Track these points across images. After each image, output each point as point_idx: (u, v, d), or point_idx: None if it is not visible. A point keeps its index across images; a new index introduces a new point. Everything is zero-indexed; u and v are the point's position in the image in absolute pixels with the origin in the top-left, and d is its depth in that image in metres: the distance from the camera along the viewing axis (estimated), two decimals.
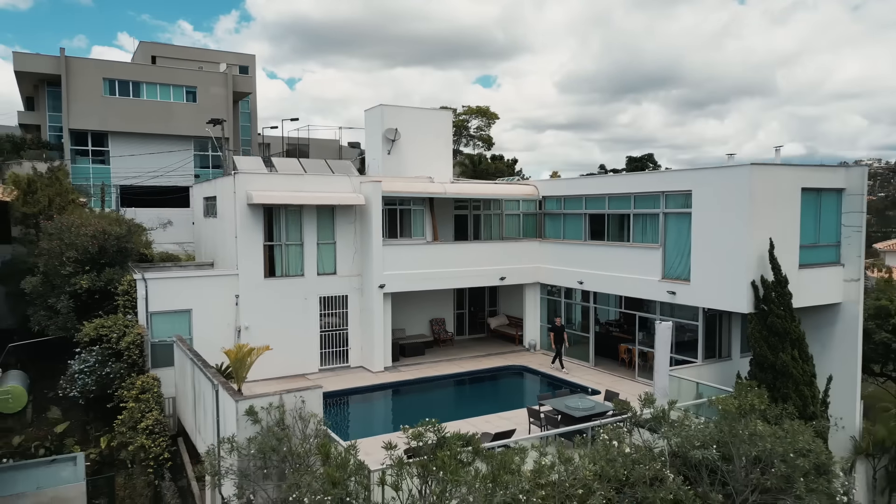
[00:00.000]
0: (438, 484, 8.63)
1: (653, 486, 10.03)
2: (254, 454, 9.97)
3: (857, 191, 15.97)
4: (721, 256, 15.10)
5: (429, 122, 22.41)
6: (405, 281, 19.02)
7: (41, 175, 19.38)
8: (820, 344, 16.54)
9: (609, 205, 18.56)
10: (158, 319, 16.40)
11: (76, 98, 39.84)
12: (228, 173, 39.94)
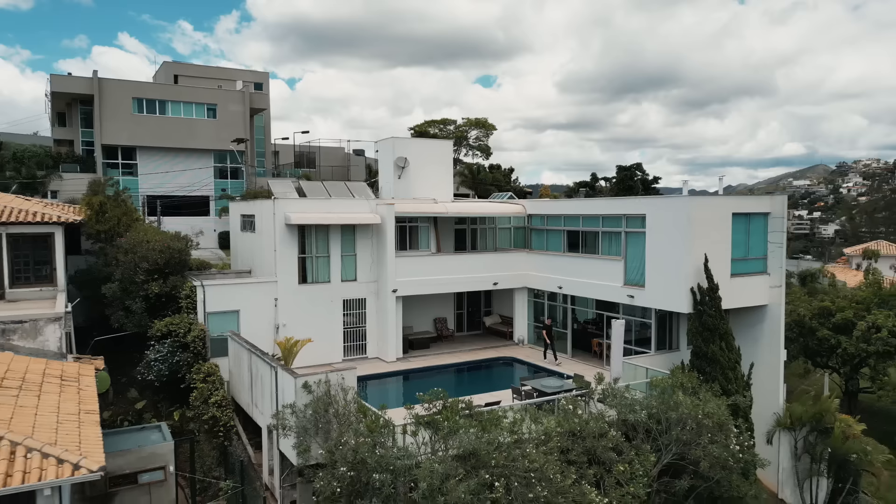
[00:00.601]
0: (443, 432, 12.52)
1: (600, 438, 13.92)
2: (310, 415, 13.84)
3: (779, 214, 19.85)
4: (668, 268, 18.97)
5: (432, 150, 26.36)
6: (414, 286, 22.92)
7: (109, 197, 23.23)
8: (752, 338, 20.44)
9: (583, 223, 22.46)
10: (213, 318, 20.25)
11: (108, 116, 43.59)
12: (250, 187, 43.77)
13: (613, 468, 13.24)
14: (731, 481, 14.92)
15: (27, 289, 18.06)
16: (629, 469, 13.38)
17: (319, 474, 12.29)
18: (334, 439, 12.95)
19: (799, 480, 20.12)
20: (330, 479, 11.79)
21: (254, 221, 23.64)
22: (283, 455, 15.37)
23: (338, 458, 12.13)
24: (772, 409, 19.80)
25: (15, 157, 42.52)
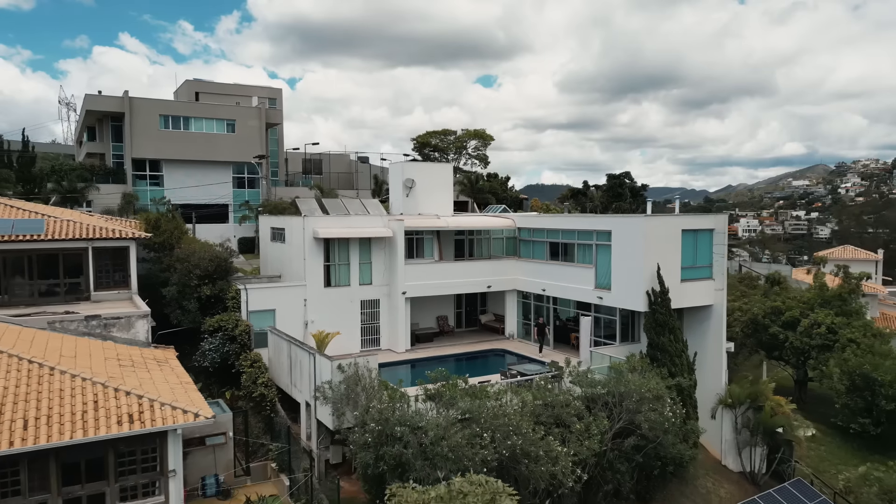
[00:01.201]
0: (444, 399, 16.87)
1: (565, 407, 18.27)
2: (343, 390, 18.18)
3: (721, 230, 24.20)
4: (629, 274, 23.29)
5: (435, 173, 30.76)
6: (420, 289, 27.27)
7: (163, 214, 27.55)
8: (700, 332, 24.79)
9: (562, 236, 26.81)
10: (254, 315, 24.58)
11: (137, 132, 47.99)
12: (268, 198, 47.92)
13: (573, 428, 17.57)
14: (668, 441, 19.28)
15: (107, 291, 22.42)
16: (586, 430, 17.70)
17: (354, 429, 16.65)
18: (363, 406, 17.31)
19: (739, 450, 24.48)
20: (363, 433, 16.13)
21: (284, 234, 27.99)
22: (319, 422, 19.72)
23: (367, 419, 16.47)
24: (715, 391, 24.12)
25: (54, 170, 46.86)
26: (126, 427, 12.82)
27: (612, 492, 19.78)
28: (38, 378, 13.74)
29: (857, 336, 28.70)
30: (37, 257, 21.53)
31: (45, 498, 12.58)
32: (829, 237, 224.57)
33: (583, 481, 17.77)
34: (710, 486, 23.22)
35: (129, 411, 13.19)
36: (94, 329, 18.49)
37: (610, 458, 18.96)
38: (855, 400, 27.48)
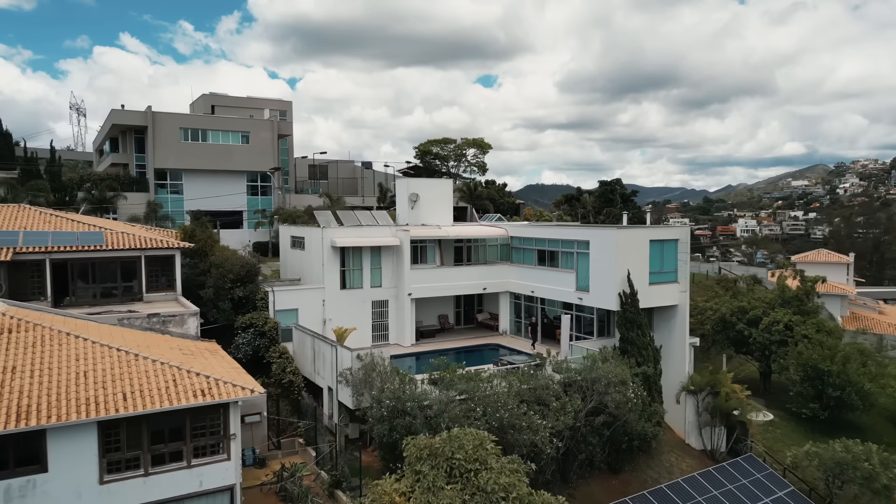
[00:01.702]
0: (445, 383, 20.76)
1: (545, 389, 22.15)
2: (361, 375, 22.05)
3: (685, 240, 28.07)
4: (604, 278, 27.14)
5: (436, 188, 34.66)
6: (423, 291, 31.13)
7: (198, 225, 31.45)
8: (668, 328, 28.66)
9: (548, 244, 30.68)
10: (280, 314, 28.43)
11: (160, 144, 51.92)
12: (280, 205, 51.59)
13: (551, 406, 21.44)
14: (633, 419, 23.17)
15: (156, 293, 26.30)
16: (562, 407, 21.56)
17: (372, 407, 20.53)
18: (379, 388, 21.20)
19: (700, 430, 28.35)
20: (379, 409, 20.01)
21: (304, 242, 31.87)
22: (340, 403, 23.61)
23: (383, 398, 20.36)
24: (679, 379, 27.99)
25: (83, 180, 50.77)
26: (200, 399, 16.68)
27: (587, 462, 23.70)
28: (127, 362, 17.60)
29: (810, 332, 32.55)
30: (97, 264, 25.40)
31: (137, 454, 16.42)
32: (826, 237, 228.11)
33: (560, 451, 21.73)
34: (673, 460, 27.11)
35: (201, 387, 17.05)
36: (154, 325, 22.36)
37: (583, 432, 22.85)
38: (806, 388, 31.41)
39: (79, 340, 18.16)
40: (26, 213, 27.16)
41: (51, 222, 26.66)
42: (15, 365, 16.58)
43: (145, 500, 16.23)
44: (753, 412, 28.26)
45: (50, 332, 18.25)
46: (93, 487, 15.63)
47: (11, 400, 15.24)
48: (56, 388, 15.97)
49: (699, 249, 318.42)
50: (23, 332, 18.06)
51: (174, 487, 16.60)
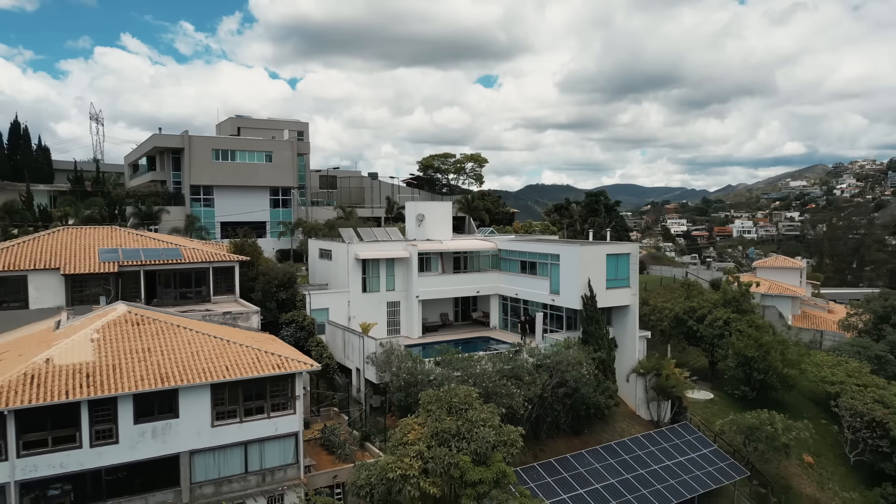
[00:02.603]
0: (446, 364, 28.55)
1: (520, 368, 29.92)
2: (383, 359, 29.82)
3: (635, 253, 35.80)
4: (571, 284, 34.84)
5: (439, 208, 42.39)
6: (428, 293, 38.82)
7: (247, 239, 39.15)
8: (622, 324, 36.38)
9: (528, 256, 38.41)
10: (314, 312, 36.15)
11: (195, 163, 59.56)
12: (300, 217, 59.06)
13: (525, 380, 29.16)
14: (588, 392, 30.89)
15: (220, 296, 34.00)
16: (533, 381, 29.27)
17: (391, 381, 28.28)
18: (397, 367, 28.92)
19: (648, 404, 36.07)
20: (397, 381, 27.76)
21: (331, 254, 39.62)
22: (367, 380, 31.34)
23: (400, 374, 28.10)
24: (631, 363, 35.72)
25: (129, 195, 58.47)
26: (276, 370, 24.39)
27: (553, 424, 31.43)
28: (223, 345, 25.29)
29: (743, 327, 40.23)
30: (177, 274, 33.12)
31: (234, 407, 24.10)
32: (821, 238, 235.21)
33: (533, 415, 29.46)
34: (625, 427, 34.86)
35: (276, 363, 24.76)
36: (227, 320, 30.04)
37: (550, 401, 30.58)
38: (738, 373, 39.09)
39: (186, 330, 25.89)
40: (118, 233, 34.91)
41: (138, 240, 34.38)
42: (149, 346, 24.31)
43: (240, 439, 23.94)
44: (690, 390, 36.03)
45: (165, 324, 25.99)
46: (207, 429, 23.33)
47: (153, 370, 22.96)
48: (180, 362, 23.69)
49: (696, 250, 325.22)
50: (146, 325, 25.79)
51: (259, 431, 24.30)
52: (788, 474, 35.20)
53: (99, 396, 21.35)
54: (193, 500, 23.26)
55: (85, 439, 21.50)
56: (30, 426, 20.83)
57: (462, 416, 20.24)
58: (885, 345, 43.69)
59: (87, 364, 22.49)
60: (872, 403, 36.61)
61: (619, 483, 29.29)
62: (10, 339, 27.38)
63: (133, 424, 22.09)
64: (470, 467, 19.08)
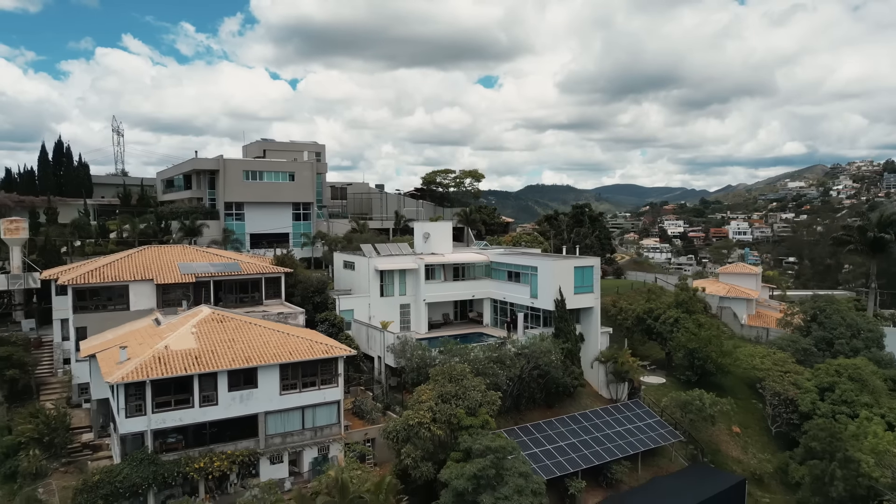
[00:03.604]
0: (447, 352, 38.43)
1: (504, 355, 39.79)
2: (399, 347, 39.65)
3: (597, 266, 45.57)
4: (546, 290, 44.62)
5: (441, 227, 52.17)
6: (433, 297, 48.61)
7: (284, 254, 48.88)
8: (588, 322, 46.20)
9: (513, 267, 48.20)
10: (342, 312, 45.93)
11: (228, 183, 69.29)
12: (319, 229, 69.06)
13: (506, 363, 38.91)
14: (557, 375, 40.67)
15: (270, 300, 43.76)
16: (513, 365, 39.01)
17: (406, 365, 38.10)
18: (410, 354, 38.73)
19: (608, 385, 45.83)
20: (411, 364, 37.57)
21: (354, 265, 49.39)
22: (387, 365, 41.14)
23: (413, 359, 37.92)
24: (594, 353, 45.50)
25: (172, 212, 68.17)
26: (324, 355, 34.13)
27: (530, 399, 41.17)
28: (285, 336, 35.02)
29: (688, 325, 49.97)
30: (236, 283, 42.86)
31: (295, 381, 33.81)
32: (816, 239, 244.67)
33: (513, 392, 39.21)
34: (588, 402, 44.60)
35: (324, 350, 34.50)
36: (280, 319, 39.76)
37: (527, 381, 40.32)
38: (684, 361, 48.79)
39: (255, 326, 35.63)
40: (188, 250, 44.68)
41: (204, 256, 44.14)
42: (233, 338, 34.05)
43: (299, 404, 33.60)
44: (644, 375, 45.80)
45: (240, 321, 35.74)
46: (276, 396, 33.02)
47: (239, 354, 32.70)
48: (256, 349, 33.42)
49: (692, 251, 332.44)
50: (227, 322, 35.53)
51: (311, 399, 33.97)
52: (718, 441, 44.99)
53: (205, 371, 31.08)
54: (267, 447, 32.97)
55: (196, 402, 31.22)
56: (159, 392, 30.56)
57: (459, 384, 30.02)
58: (811, 339, 53.35)
59: (193, 349, 32.25)
60: (789, 385, 46.39)
61: (579, 442, 39.04)
62: (122, 332, 37.11)
63: (227, 392, 31.79)
64: (464, 417, 28.87)
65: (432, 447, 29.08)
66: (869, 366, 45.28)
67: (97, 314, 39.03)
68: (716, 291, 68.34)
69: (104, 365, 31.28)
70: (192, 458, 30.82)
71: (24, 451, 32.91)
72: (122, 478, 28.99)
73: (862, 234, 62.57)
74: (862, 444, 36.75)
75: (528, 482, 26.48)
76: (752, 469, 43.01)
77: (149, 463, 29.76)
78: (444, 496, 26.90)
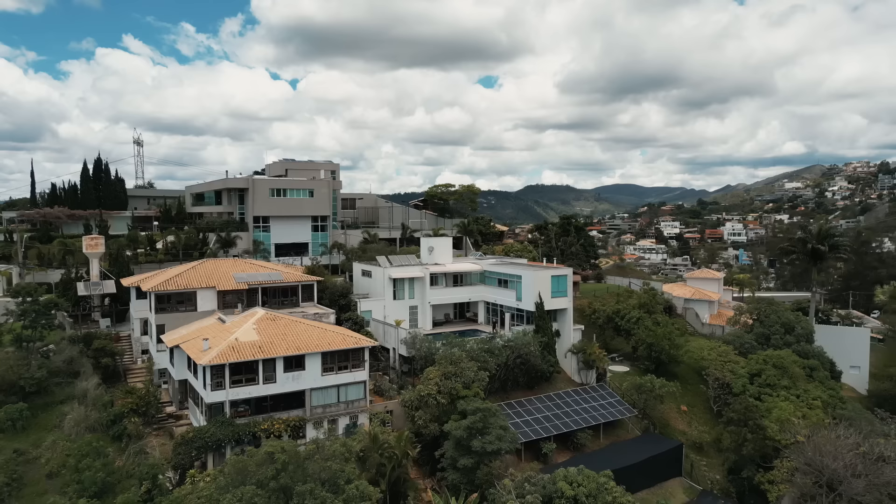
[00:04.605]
0: (448, 343, 49.71)
1: (493, 345, 51.09)
2: (409, 339, 50.89)
3: (570, 275, 56.77)
4: (528, 294, 55.79)
5: (443, 242, 63.34)
6: (437, 300, 59.79)
7: (315, 264, 59.95)
8: (563, 321, 57.44)
9: (502, 275, 59.38)
10: (363, 313, 57.09)
11: (256, 199, 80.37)
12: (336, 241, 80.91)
13: (494, 352, 50.06)
14: (535, 362, 51.88)
15: (305, 303, 54.94)
16: (501, 353, 50.17)
17: (416, 354, 49.34)
18: (419, 344, 49.95)
19: (580, 372, 57.03)
20: (419, 354, 48.78)
21: (371, 273, 60.59)
22: (400, 355, 52.37)
23: (421, 349, 49.14)
24: (568, 346, 56.71)
25: (208, 225, 79.25)
26: (355, 345, 45.28)
27: (515, 382, 52.38)
28: (323, 331, 46.15)
29: (648, 323, 61.12)
30: (279, 288, 53.99)
31: (332, 365, 44.93)
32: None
33: (500, 376, 50.43)
34: (562, 385, 55.79)
35: (354, 341, 45.64)
36: (316, 318, 50.86)
37: (511, 367, 51.49)
38: (644, 353, 59.96)
39: (300, 324, 46.82)
40: (239, 263, 55.84)
41: (252, 268, 55.28)
42: (284, 332, 45.22)
43: (336, 383, 44.73)
44: (608, 364, 57.00)
45: (288, 320, 46.92)
46: (318, 377, 44.20)
47: (291, 344, 43.87)
48: (303, 340, 44.59)
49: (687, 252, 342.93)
50: (278, 320, 46.69)
51: (345, 378, 45.12)
52: (668, 417, 56.17)
53: (266, 357, 42.22)
54: (311, 416, 44.07)
55: (260, 380, 42.33)
56: (233, 373, 41.68)
57: (457, 366, 41.17)
58: (752, 335, 64.47)
59: (256, 341, 43.38)
60: (727, 372, 57.53)
61: (552, 415, 50.19)
62: (193, 329, 48.18)
63: (283, 373, 42.91)
64: (461, 389, 40.04)
65: (438, 412, 40.23)
66: (791, 356, 56.36)
67: (172, 314, 50.14)
68: (682, 294, 79.52)
69: (191, 352, 42.44)
70: (257, 422, 41.89)
71: (127, 418, 43.99)
72: (209, 435, 40.08)
73: (803, 245, 73.47)
74: (771, 415, 47.91)
75: (506, 433, 37.64)
76: (693, 439, 54.18)
77: (227, 424, 40.83)
78: (447, 444, 38.06)
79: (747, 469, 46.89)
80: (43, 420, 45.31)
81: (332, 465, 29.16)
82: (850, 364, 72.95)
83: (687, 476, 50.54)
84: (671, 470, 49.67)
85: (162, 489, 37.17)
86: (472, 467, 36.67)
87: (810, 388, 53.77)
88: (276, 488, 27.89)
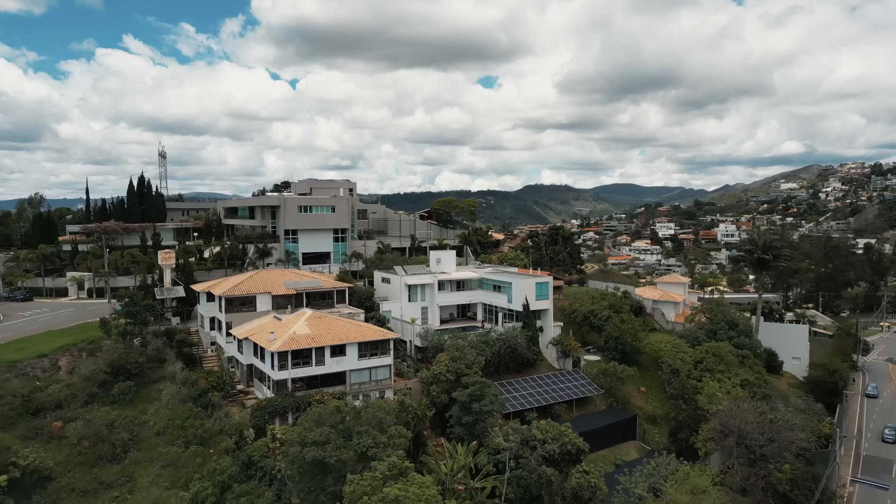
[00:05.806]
0: (453, 336, 65.10)
1: (488, 337, 66.47)
2: (422, 333, 66.21)
3: (550, 282, 72.05)
4: (517, 297, 71.06)
5: (448, 254, 78.61)
6: (443, 302, 75.05)
7: (346, 272, 75.02)
8: (546, 318, 72.80)
9: (496, 282, 74.65)
10: (384, 312, 72.31)
11: (287, 215, 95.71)
12: (355, 250, 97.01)
13: (489, 343, 65.27)
14: (522, 351, 67.19)
15: (339, 305, 70.16)
16: (494, 343, 65.39)
17: (428, 344, 64.69)
18: (430, 337, 65.26)
19: (559, 360, 72.32)
20: (432, 343, 64.11)
21: (390, 280, 75.84)
22: (415, 345, 67.68)
23: (433, 340, 64.47)
24: (549, 339, 71.98)
25: (246, 236, 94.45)
26: (382, 337, 60.47)
27: (506, 367, 67.70)
28: (358, 326, 61.33)
29: (616, 321, 76.36)
30: (318, 293, 69.15)
31: (366, 352, 60.10)
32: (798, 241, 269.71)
33: (495, 362, 65.79)
34: (544, 370, 71.09)
35: (382, 334, 60.84)
36: (349, 316, 65.99)
37: (503, 355, 66.76)
38: (612, 345, 75.20)
39: (340, 321, 62.12)
40: (287, 272, 71.04)
41: (296, 276, 70.48)
42: (329, 327, 60.53)
43: (368, 366, 60.04)
44: (582, 353, 72.32)
45: (330, 318, 62.20)
46: (355, 361, 59.52)
47: (336, 336, 59.19)
48: (344, 333, 59.89)
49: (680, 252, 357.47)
50: (323, 318, 61.96)
51: (375, 363, 60.42)
52: (629, 396, 71.47)
53: (318, 346, 57.46)
54: (350, 391, 59.25)
55: (313, 363, 57.53)
56: (294, 357, 56.83)
57: (461, 352, 56.47)
58: (703, 331, 79.73)
59: (309, 334, 58.61)
60: (677, 360, 72.81)
61: (535, 392, 65.44)
62: (254, 325, 63.30)
63: (330, 357, 58.14)
64: (464, 369, 55.34)
65: (447, 386, 55.46)
66: (728, 347, 71.60)
67: (237, 313, 65.35)
68: (651, 296, 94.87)
69: (260, 342, 57.65)
70: (310, 395, 57.06)
71: (210, 393, 59.14)
72: (277, 403, 55.27)
73: (750, 255, 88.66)
74: (703, 392, 63.25)
75: (497, 398, 52.91)
76: (648, 413, 69.53)
77: (290, 396, 56.03)
78: (454, 407, 53.31)
79: (683, 432, 62.22)
80: (144, 394, 60.57)
81: (379, 415, 44.31)
82: (792, 356, 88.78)
83: (640, 440, 65.93)
84: (628, 435, 65.06)
85: (246, 440, 52.45)
86: (473, 423, 51.89)
87: (741, 371, 69.09)
88: (343, 429, 43.00)
